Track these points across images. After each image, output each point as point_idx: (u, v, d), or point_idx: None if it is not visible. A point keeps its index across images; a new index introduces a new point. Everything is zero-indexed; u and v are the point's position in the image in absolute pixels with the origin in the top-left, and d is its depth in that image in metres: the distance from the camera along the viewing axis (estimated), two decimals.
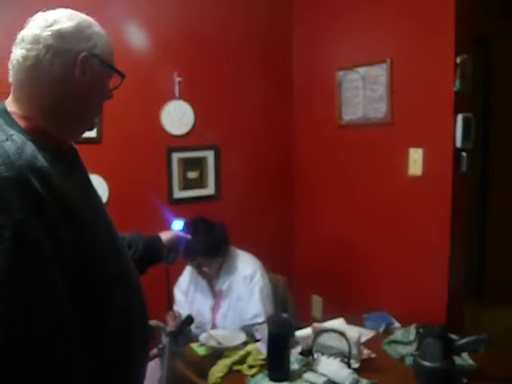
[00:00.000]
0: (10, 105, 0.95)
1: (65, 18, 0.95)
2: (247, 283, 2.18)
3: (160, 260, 1.44)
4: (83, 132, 1.06)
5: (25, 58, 0.93)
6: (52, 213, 0.83)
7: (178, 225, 1.61)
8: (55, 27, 0.93)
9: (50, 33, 0.93)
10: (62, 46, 0.93)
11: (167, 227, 2.69)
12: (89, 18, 1.00)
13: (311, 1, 2.99)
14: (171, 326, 1.88)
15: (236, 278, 2.19)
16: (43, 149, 0.89)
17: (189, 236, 1.56)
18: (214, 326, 2.19)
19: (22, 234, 0.77)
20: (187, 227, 1.66)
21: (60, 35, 0.93)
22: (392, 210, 2.53)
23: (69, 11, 0.98)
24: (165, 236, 1.47)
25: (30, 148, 0.86)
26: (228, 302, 2.20)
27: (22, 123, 0.91)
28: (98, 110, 1.05)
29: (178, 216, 2.69)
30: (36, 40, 0.92)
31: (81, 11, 1.01)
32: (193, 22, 2.75)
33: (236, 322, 2.14)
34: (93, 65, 0.97)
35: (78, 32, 0.95)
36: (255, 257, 2.32)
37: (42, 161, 0.85)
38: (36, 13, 0.97)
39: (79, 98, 0.97)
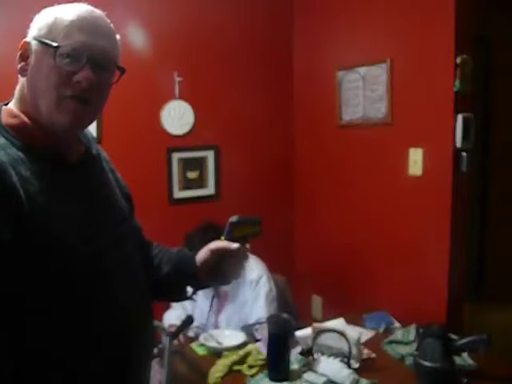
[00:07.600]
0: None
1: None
2: (253, 287, 2.17)
3: (200, 285, 1.20)
4: (60, 122, 0.92)
5: None
6: None
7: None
8: None
9: None
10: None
11: (167, 228, 2.68)
12: (55, 7, 0.96)
13: (311, 1, 2.99)
14: (171, 326, 1.87)
15: (242, 282, 2.17)
16: (18, 146, 0.89)
17: (235, 245, 1.14)
18: (217, 329, 2.17)
19: None
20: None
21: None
22: (392, 210, 2.53)
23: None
24: (200, 256, 1.17)
25: None
26: (233, 306, 2.18)
27: (8, 120, 0.92)
28: (52, 88, 0.91)
29: (178, 216, 2.71)
30: None
31: None
32: (193, 22, 2.75)
33: (240, 326, 2.13)
34: (34, 48, 0.93)
35: (31, 24, 0.97)
36: (260, 260, 2.31)
37: None
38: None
39: (29, 85, 0.93)
